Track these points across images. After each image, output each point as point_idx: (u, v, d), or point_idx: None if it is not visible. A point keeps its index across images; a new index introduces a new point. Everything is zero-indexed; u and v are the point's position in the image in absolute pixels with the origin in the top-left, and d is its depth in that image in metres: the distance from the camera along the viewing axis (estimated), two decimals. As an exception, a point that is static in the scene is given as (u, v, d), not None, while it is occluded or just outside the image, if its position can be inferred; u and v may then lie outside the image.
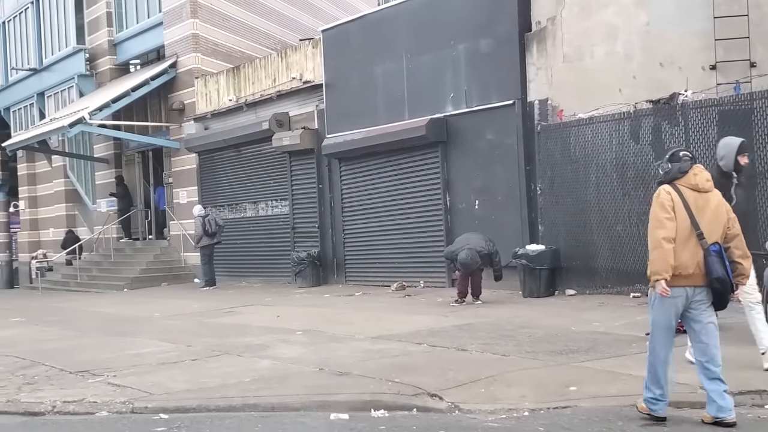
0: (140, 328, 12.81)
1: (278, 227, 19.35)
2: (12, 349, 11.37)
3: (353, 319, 11.94)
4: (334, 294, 15.90)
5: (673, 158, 5.65)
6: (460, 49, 14.67)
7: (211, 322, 12.84)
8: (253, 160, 19.95)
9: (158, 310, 15.40)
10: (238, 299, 16.25)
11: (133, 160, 25.49)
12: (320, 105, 17.81)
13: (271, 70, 19.31)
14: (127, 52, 25.11)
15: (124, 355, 10.08)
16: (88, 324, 13.94)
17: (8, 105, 30.56)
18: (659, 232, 5.42)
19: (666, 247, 5.38)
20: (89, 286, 22.64)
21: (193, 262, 22.11)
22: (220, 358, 9.36)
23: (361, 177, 16.91)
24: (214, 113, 20.86)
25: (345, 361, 8.50)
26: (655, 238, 5.44)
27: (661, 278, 5.41)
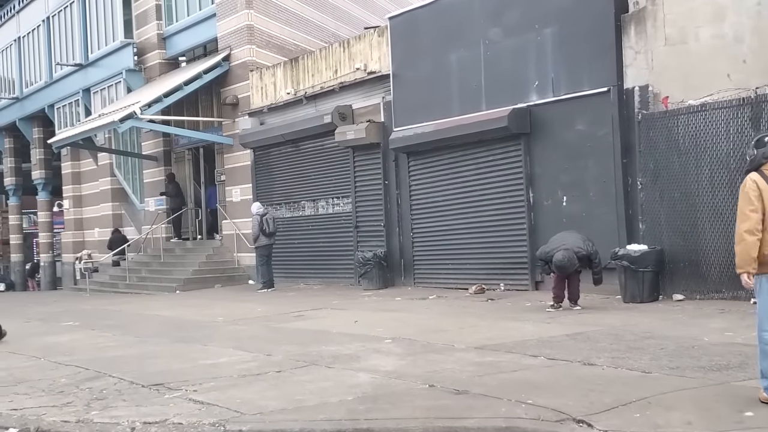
0: (206, 333, 11.88)
1: (339, 226, 18.36)
2: (71, 357, 10.50)
3: (443, 325, 10.88)
4: (406, 297, 14.87)
5: (759, 144, 5.28)
6: (546, 33, 13.56)
7: (282, 328, 11.87)
8: (312, 155, 18.99)
9: (219, 313, 14.50)
10: (303, 302, 15.29)
11: (183, 158, 24.66)
12: (387, 97, 16.80)
13: (333, 61, 18.33)
14: (176, 46, 24.30)
15: (198, 365, 9.14)
16: (148, 329, 13.06)
17: (53, 102, 29.93)
18: (742, 225, 5.49)
19: (748, 240, 5.45)
20: (139, 287, 21.84)
21: (248, 263, 21.23)
22: (309, 370, 8.37)
23: (432, 172, 15.86)
24: (271, 107, 19.94)
25: (456, 376, 7.46)
26: (738, 232, 5.52)
27: (743, 272, 5.52)
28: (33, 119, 32.44)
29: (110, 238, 26.09)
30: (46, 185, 32.94)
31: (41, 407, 7.50)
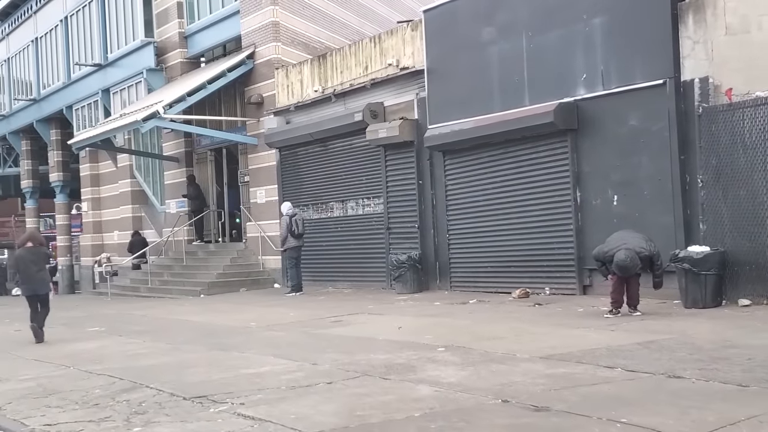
0: (242, 340, 11.28)
1: (370, 228, 17.73)
2: (102, 365, 9.92)
3: (495, 332, 10.23)
4: (444, 301, 14.22)
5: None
6: (595, 23, 12.90)
7: (322, 334, 11.25)
8: (341, 154, 18.37)
9: (251, 318, 13.90)
10: (337, 307, 14.66)
11: (205, 159, 24.09)
12: (421, 93, 16.16)
13: (363, 57, 17.71)
14: (198, 45, 23.75)
15: (240, 375, 8.53)
16: (179, 335, 12.47)
17: (71, 103, 29.44)
18: None
19: None
20: (162, 291, 21.27)
21: (273, 266, 20.65)
22: (362, 381, 7.74)
23: (470, 171, 15.22)
24: (298, 105, 19.34)
25: (529, 390, 6.81)
26: None
27: None
28: (50, 121, 31.96)
29: (130, 240, 25.55)
30: (64, 188, 32.45)
31: (77, 422, 6.93)
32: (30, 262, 12.70)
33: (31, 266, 12.68)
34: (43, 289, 12.92)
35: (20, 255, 12.94)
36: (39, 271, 12.76)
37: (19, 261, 12.90)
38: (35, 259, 12.76)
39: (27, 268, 12.69)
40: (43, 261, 13.04)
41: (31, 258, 12.73)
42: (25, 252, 12.84)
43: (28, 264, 12.69)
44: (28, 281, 12.76)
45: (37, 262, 12.78)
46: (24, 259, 12.76)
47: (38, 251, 12.98)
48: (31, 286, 12.79)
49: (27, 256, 12.75)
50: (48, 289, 13.16)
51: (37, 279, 12.76)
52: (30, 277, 12.72)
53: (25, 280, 12.80)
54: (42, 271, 12.86)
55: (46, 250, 13.56)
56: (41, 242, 13.48)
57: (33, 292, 12.82)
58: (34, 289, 12.79)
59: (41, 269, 12.84)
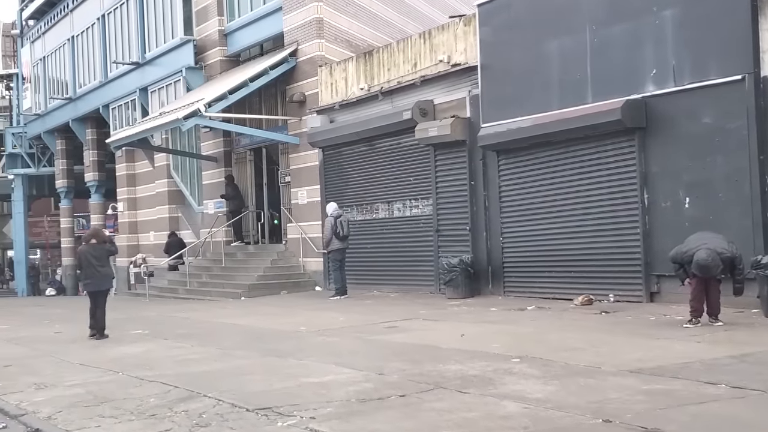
0: (296, 346, 10.75)
1: (418, 230, 17.15)
2: (153, 372, 9.42)
3: (568, 342, 9.60)
4: (501, 308, 13.60)
5: None
6: (666, 15, 12.24)
7: (380, 341, 10.68)
8: (388, 154, 17.81)
9: (299, 322, 13.38)
10: (387, 311, 14.10)
11: (244, 159, 23.64)
12: (473, 90, 15.57)
13: (411, 54, 17.15)
14: (238, 43, 23.30)
15: (303, 384, 8.00)
16: (227, 339, 11.96)
17: (107, 102, 29.14)
18: None
19: None
20: (201, 293, 20.83)
21: (314, 269, 20.13)
22: (438, 394, 7.17)
23: (526, 171, 14.60)
24: (343, 104, 18.81)
25: (629, 408, 6.22)
26: None
27: None
28: (86, 120, 31.74)
29: (167, 241, 25.14)
30: (99, 187, 32.23)
31: (135, 435, 6.43)
32: (93, 258, 13.10)
33: (93, 262, 13.10)
34: (105, 285, 13.40)
35: (83, 252, 13.25)
36: (101, 267, 13.20)
37: (82, 257, 13.26)
38: (98, 256, 13.17)
39: (90, 265, 13.13)
40: (106, 258, 13.41)
41: (93, 254, 13.12)
42: (88, 249, 13.20)
43: (90, 260, 13.10)
44: (91, 277, 13.23)
45: (100, 258, 13.19)
46: (87, 255, 13.13)
47: (101, 248, 13.34)
48: (93, 281, 13.23)
49: (90, 252, 13.13)
50: (110, 285, 13.70)
51: (100, 275, 13.20)
52: (92, 274, 13.18)
53: (88, 276, 13.30)
54: (104, 267, 13.30)
55: (109, 247, 13.84)
56: (104, 239, 13.90)
57: (95, 288, 13.26)
58: (97, 285, 13.24)
59: (104, 265, 13.28)
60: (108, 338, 13.06)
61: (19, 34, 38.38)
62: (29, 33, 36.94)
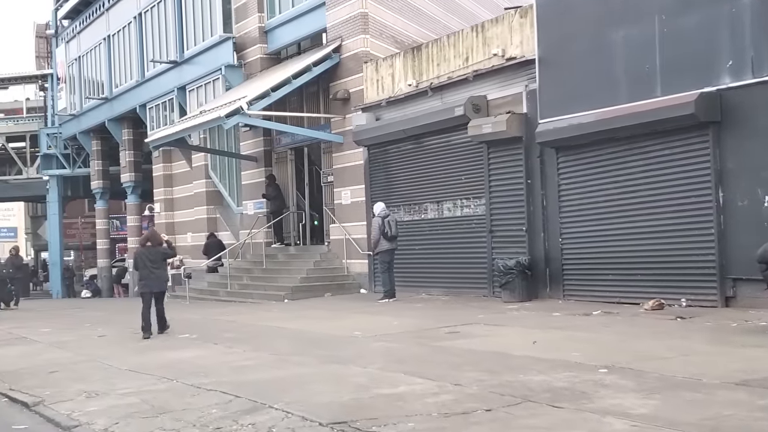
0: (355, 352, 10.19)
1: (469, 230, 16.52)
2: (209, 379, 8.89)
3: (652, 350, 8.94)
4: (564, 312, 12.93)
5: None
6: (744, 3, 11.53)
7: (445, 348, 10.08)
8: (438, 152, 17.21)
9: (351, 326, 12.82)
10: (442, 315, 13.50)
11: (285, 158, 23.14)
12: (530, 85, 14.92)
13: (463, 48, 16.54)
14: (279, 40, 22.83)
15: (375, 395, 7.43)
16: (280, 344, 11.42)
17: (144, 101, 28.83)
18: None
19: None
20: (242, 295, 20.36)
21: (358, 271, 19.59)
22: (528, 408, 6.57)
23: (588, 169, 13.93)
24: (389, 101, 18.24)
25: (750, 426, 5.60)
26: None
27: None
28: (122, 120, 31.48)
29: (206, 243, 24.71)
30: (136, 188, 31.95)
31: (204, 452, 5.89)
32: (148, 260, 13.33)
33: (149, 264, 13.33)
34: (160, 287, 13.60)
35: (139, 254, 13.57)
36: (156, 269, 13.41)
37: (138, 260, 13.55)
38: (153, 258, 13.38)
39: (145, 267, 13.36)
40: (161, 260, 13.59)
41: (149, 257, 13.36)
42: (144, 251, 13.50)
43: (146, 263, 13.35)
44: (146, 279, 13.43)
45: (155, 261, 13.39)
46: (142, 258, 13.40)
47: (156, 251, 13.55)
48: (148, 283, 13.42)
49: (146, 255, 13.40)
50: (165, 287, 13.92)
51: (155, 277, 13.42)
52: (147, 275, 13.40)
53: (143, 278, 13.49)
54: (159, 269, 13.50)
55: (164, 249, 13.90)
56: (160, 242, 14.03)
57: (150, 289, 13.41)
58: (152, 286, 13.41)
59: (159, 268, 13.48)
60: (160, 338, 12.87)
61: (54, 34, 38.31)
62: (64, 33, 36.80)
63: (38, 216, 56.81)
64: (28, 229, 62.65)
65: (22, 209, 68.03)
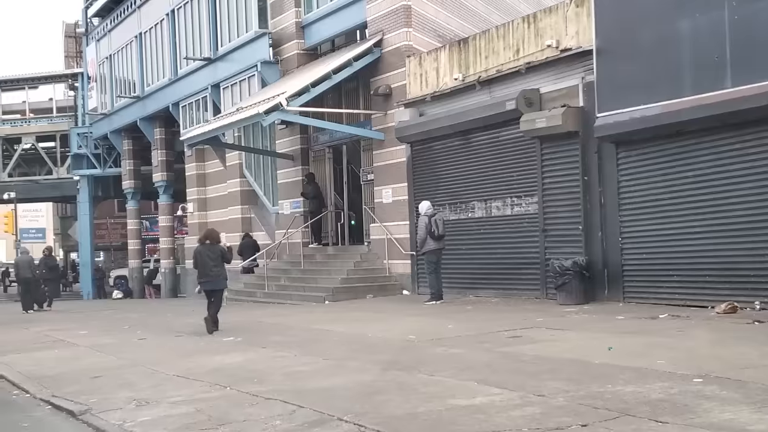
0: (415, 357, 9.59)
1: (520, 229, 15.87)
2: (265, 386, 8.33)
3: (746, 358, 8.23)
4: (628, 315, 12.24)
5: None
6: (826, -14, 10.81)
7: (512, 354, 9.42)
8: (486, 148, 16.56)
9: (404, 330, 12.23)
10: (497, 319, 12.85)
11: (323, 156, 22.59)
12: (587, 77, 14.25)
13: (513, 40, 15.89)
14: (316, 35, 22.30)
15: (452, 407, 6.83)
16: (332, 349, 10.85)
17: (177, 100, 28.41)
18: None
19: None
20: (280, 296, 19.83)
21: (400, 271, 18.99)
22: (629, 424, 5.94)
23: (652, 164, 13.23)
24: (434, 96, 17.62)
25: None
26: None
27: None
28: (154, 119, 31.12)
29: (240, 243, 24.16)
30: (168, 188, 31.58)
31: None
32: (208, 258, 13.42)
33: (208, 262, 13.41)
34: (220, 285, 13.71)
35: (199, 252, 13.65)
36: (216, 267, 13.46)
37: (198, 257, 13.62)
38: (213, 256, 13.45)
39: (205, 265, 13.44)
40: (220, 257, 13.58)
41: (208, 254, 13.45)
42: (203, 249, 13.58)
43: (206, 260, 13.43)
44: (206, 276, 13.51)
45: (214, 258, 13.45)
46: (202, 255, 13.49)
47: (215, 248, 13.63)
48: (208, 281, 13.52)
49: (205, 252, 13.49)
50: (224, 285, 14.03)
51: (214, 275, 13.50)
52: (207, 273, 13.47)
53: (203, 275, 13.54)
54: (218, 267, 13.51)
55: (222, 247, 13.90)
56: (218, 239, 14.06)
57: (210, 287, 13.55)
58: (212, 284, 13.53)
59: (218, 265, 13.50)
60: (205, 340, 12.60)
61: (84, 32, 38.07)
62: (94, 31, 36.54)
63: (67, 216, 56.77)
64: (56, 229, 62.68)
65: (50, 210, 68.18)
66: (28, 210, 62.87)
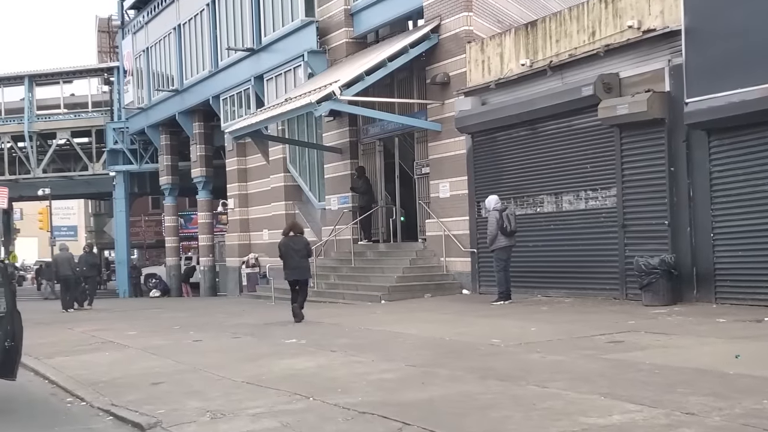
0: (512, 365, 8.62)
1: (596, 225, 14.80)
2: (352, 397, 7.41)
3: None
4: (730, 318, 11.13)
5: None
6: None
7: (622, 361, 8.41)
8: (557, 138, 15.50)
9: (482, 332, 11.28)
10: (582, 321, 11.84)
11: (373, 149, 21.62)
12: (674, 59, 13.15)
13: (588, 21, 14.83)
14: (366, 22, 21.33)
15: (590, 427, 5.87)
16: (409, 353, 9.91)
17: (218, 92, 27.59)
18: None
19: None
20: (331, 295, 18.89)
21: (459, 270, 17.99)
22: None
23: (751, 154, 12.12)
24: (499, 83, 16.58)
25: None
26: None
27: None
28: (193, 113, 30.34)
29: (285, 240, 23.24)
30: (207, 184, 30.80)
31: None
32: (293, 250, 13.82)
33: (294, 254, 13.80)
34: (304, 275, 14.13)
35: (284, 243, 14.04)
36: (301, 259, 13.85)
37: (283, 249, 13.99)
38: (298, 248, 13.86)
39: (290, 256, 13.82)
40: (305, 249, 13.99)
41: (294, 246, 13.87)
42: (288, 241, 13.98)
43: (291, 252, 13.81)
44: (291, 267, 13.92)
45: (299, 250, 13.85)
46: (288, 247, 13.89)
47: (300, 239, 14.08)
48: (294, 271, 13.94)
49: (290, 244, 13.90)
50: (308, 275, 14.50)
51: (300, 266, 13.90)
52: (293, 264, 13.86)
53: (289, 266, 13.96)
54: (304, 258, 13.91)
55: (306, 239, 14.28)
56: (302, 231, 14.54)
57: (295, 277, 14.00)
58: (297, 274, 13.97)
59: (303, 257, 13.88)
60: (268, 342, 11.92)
61: (120, 25, 37.46)
62: (130, 24, 35.91)
63: (101, 214, 56.34)
64: (89, 227, 62.32)
65: (82, 208, 67.87)
66: (60, 208, 62.47)
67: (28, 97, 39.42)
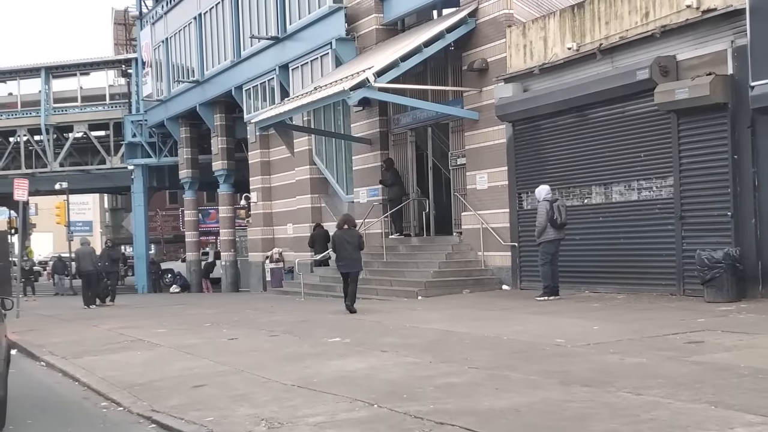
0: (587, 367, 7.89)
1: (650, 216, 13.99)
2: (422, 404, 6.70)
3: None
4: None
5: None
6: None
7: (715, 364, 7.64)
8: (607, 125, 14.69)
9: (540, 331, 10.56)
10: (645, 319, 11.03)
11: (404, 140, 20.85)
12: (737, 40, 12.32)
13: (641, 2, 14.00)
14: (396, 8, 20.54)
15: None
16: (467, 353, 9.20)
17: (240, 83, 26.86)
18: None
19: None
20: (365, 291, 17.86)
21: (498, 264, 17.24)
22: None
23: (826, 139, 11.30)
24: (543, 68, 15.78)
25: None
26: None
27: None
28: (214, 104, 29.64)
29: (312, 234, 22.53)
30: (228, 177, 30.12)
31: None
32: (346, 243, 14.09)
33: (347, 247, 14.08)
34: (356, 267, 14.37)
35: (337, 236, 14.34)
36: (354, 251, 14.13)
37: (337, 242, 14.27)
38: (351, 241, 14.12)
39: (343, 249, 14.13)
40: (358, 241, 14.25)
41: (347, 239, 14.13)
42: (341, 234, 14.25)
43: (344, 244, 14.12)
44: (344, 260, 14.22)
45: (352, 243, 14.11)
46: (341, 240, 14.18)
47: (353, 233, 14.40)
48: (346, 264, 14.22)
49: (344, 237, 14.17)
50: (360, 267, 14.63)
51: (352, 258, 14.18)
52: (345, 257, 14.16)
53: (341, 259, 14.27)
54: (356, 251, 14.16)
55: (359, 233, 14.63)
56: (354, 224, 14.89)
57: (348, 269, 14.27)
58: (349, 267, 14.24)
59: (355, 249, 14.14)
60: (309, 342, 11.10)
61: (138, 16, 36.80)
62: (149, 15, 35.24)
63: (118, 208, 55.85)
64: (105, 222, 61.87)
65: (97, 203, 67.44)
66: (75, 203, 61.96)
67: (45, 89, 38.84)
